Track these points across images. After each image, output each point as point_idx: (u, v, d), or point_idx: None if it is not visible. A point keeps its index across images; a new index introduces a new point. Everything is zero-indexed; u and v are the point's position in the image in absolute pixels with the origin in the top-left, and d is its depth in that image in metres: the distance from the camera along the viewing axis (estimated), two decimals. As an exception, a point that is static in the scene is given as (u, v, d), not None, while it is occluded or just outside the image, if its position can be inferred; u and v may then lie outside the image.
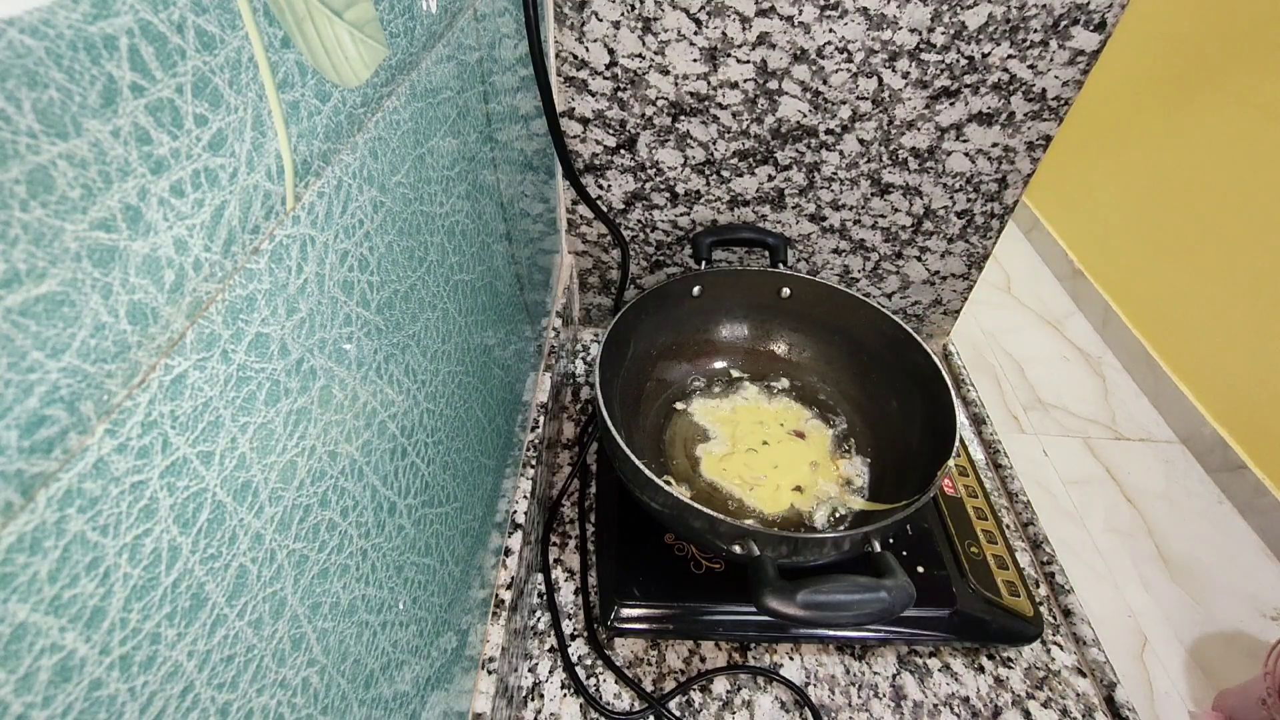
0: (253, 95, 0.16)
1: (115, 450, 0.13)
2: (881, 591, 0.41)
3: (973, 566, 0.56)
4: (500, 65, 0.40)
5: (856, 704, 0.51)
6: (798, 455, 0.61)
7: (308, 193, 0.20)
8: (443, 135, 0.31)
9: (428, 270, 0.30)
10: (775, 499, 0.57)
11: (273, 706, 0.19)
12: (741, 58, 0.57)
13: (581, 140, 0.64)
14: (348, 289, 0.22)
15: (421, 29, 0.27)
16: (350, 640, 0.24)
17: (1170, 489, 1.63)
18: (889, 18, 0.54)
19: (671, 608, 0.52)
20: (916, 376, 0.57)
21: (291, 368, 0.19)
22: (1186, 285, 1.75)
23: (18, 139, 0.10)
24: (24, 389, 0.11)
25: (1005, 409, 1.81)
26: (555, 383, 0.62)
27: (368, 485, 0.25)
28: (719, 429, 0.63)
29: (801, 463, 0.60)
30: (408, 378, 0.28)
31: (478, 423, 0.40)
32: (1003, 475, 0.67)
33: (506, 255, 0.45)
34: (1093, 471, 1.66)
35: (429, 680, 0.33)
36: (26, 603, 0.11)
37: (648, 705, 0.49)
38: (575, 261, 0.76)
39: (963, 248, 0.71)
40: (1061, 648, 0.55)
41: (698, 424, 0.63)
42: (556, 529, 0.60)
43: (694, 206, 0.69)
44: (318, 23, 0.19)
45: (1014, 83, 0.58)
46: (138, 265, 0.13)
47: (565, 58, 0.58)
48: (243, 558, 0.18)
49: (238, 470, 0.17)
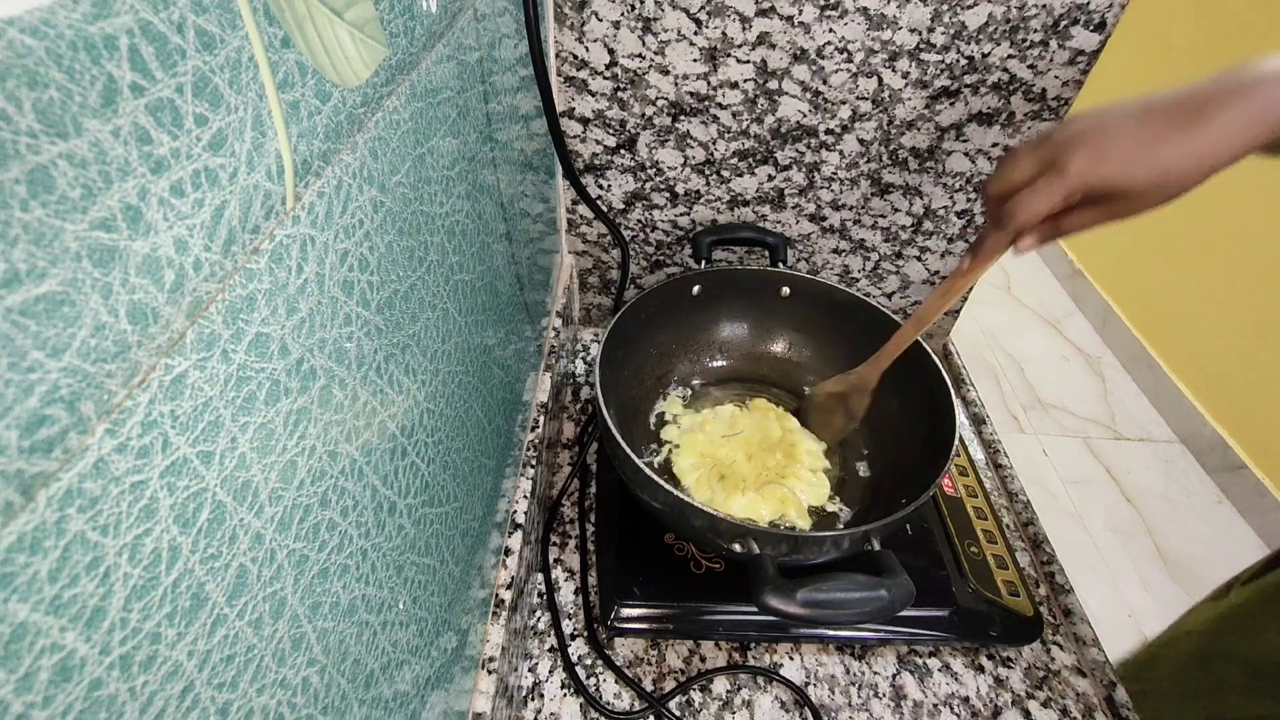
0: (253, 95, 0.16)
1: (115, 450, 0.13)
2: (881, 590, 0.41)
3: (973, 566, 0.56)
4: (500, 65, 0.40)
5: (856, 704, 0.51)
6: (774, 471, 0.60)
7: (308, 193, 0.20)
8: (443, 135, 0.31)
9: (428, 270, 0.30)
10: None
11: (273, 706, 0.19)
12: (741, 58, 0.57)
13: (581, 140, 0.64)
14: (348, 289, 0.22)
15: (421, 29, 0.27)
16: (350, 640, 0.24)
17: (1170, 489, 1.63)
18: (889, 18, 0.54)
19: (671, 607, 0.52)
20: (916, 376, 0.57)
21: (291, 367, 0.19)
22: (1186, 285, 1.75)
23: (18, 139, 0.10)
24: (24, 389, 0.11)
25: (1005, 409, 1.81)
26: (555, 383, 0.62)
27: (368, 485, 0.25)
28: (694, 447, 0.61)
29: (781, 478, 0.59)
30: (408, 377, 0.28)
31: (478, 422, 0.40)
32: (1003, 475, 0.67)
33: (506, 255, 0.45)
34: (1092, 471, 1.66)
35: (429, 680, 0.33)
36: (26, 603, 0.11)
37: (648, 705, 0.49)
38: (575, 261, 0.76)
39: (963, 248, 0.71)
40: (1061, 648, 0.55)
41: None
42: (556, 529, 0.60)
43: (694, 206, 0.69)
44: (318, 23, 0.19)
45: (1014, 83, 0.58)
46: (138, 265, 0.13)
47: (565, 58, 0.58)
48: (243, 557, 0.18)
49: (238, 470, 0.17)
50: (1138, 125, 0.36)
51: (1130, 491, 1.62)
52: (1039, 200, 0.38)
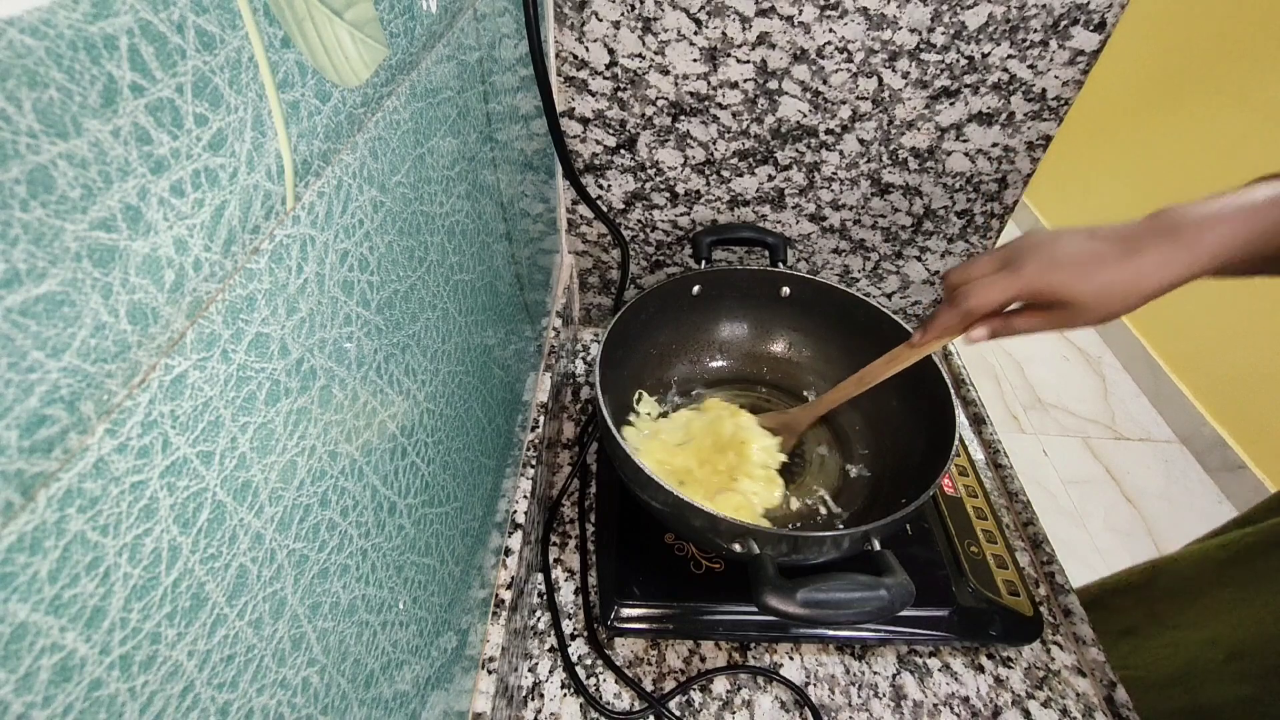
0: (253, 95, 0.16)
1: (115, 450, 0.13)
2: (881, 589, 0.41)
3: (973, 566, 0.56)
4: (500, 65, 0.40)
5: (856, 704, 0.51)
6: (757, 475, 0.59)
7: (308, 193, 0.20)
8: (443, 135, 0.31)
9: (428, 270, 0.30)
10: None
11: (273, 706, 0.19)
12: (741, 58, 0.57)
13: (581, 140, 0.64)
14: (348, 289, 0.23)
15: (421, 29, 0.27)
16: (350, 640, 0.24)
17: (1170, 489, 1.63)
18: (889, 18, 0.54)
19: (671, 607, 0.52)
20: (916, 376, 0.57)
21: (291, 367, 0.19)
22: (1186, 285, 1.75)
23: (18, 139, 0.10)
24: (24, 389, 0.11)
25: (1005, 409, 1.81)
26: (555, 383, 0.62)
27: (368, 485, 0.25)
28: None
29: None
30: (408, 377, 0.28)
31: (478, 422, 0.40)
32: (1003, 475, 0.67)
33: (506, 255, 0.45)
34: (1092, 471, 1.66)
35: (429, 680, 0.33)
36: (26, 603, 0.11)
37: (648, 705, 0.49)
38: (575, 261, 0.76)
39: (963, 248, 0.71)
40: (1061, 648, 0.55)
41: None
42: (556, 529, 0.60)
43: (694, 206, 0.69)
44: (318, 23, 0.19)
45: (1014, 83, 0.58)
46: (138, 265, 0.13)
47: (565, 58, 0.58)
48: (243, 557, 0.18)
49: (238, 470, 0.17)
50: (1085, 245, 0.40)
51: (1130, 491, 1.62)
52: (992, 290, 0.42)
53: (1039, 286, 0.41)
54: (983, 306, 0.43)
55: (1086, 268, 0.40)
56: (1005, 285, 0.42)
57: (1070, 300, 0.40)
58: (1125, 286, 0.39)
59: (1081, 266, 0.40)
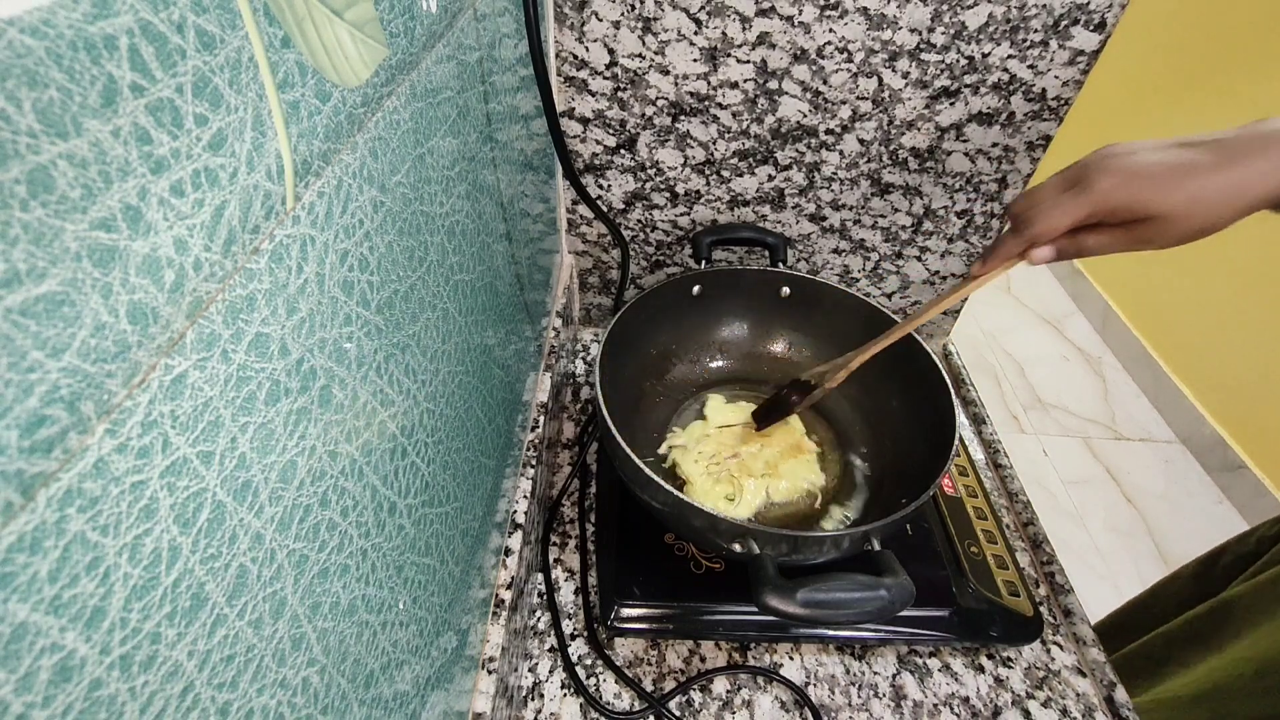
0: (253, 95, 0.16)
1: (115, 450, 0.13)
2: (881, 589, 0.41)
3: (973, 566, 0.56)
4: (500, 65, 0.40)
5: (856, 704, 0.51)
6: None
7: (308, 193, 0.20)
8: (443, 135, 0.31)
9: (428, 270, 0.30)
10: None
11: (273, 706, 0.19)
12: (741, 58, 0.57)
13: (581, 140, 0.64)
14: (348, 289, 0.22)
15: (421, 29, 0.27)
16: (350, 640, 0.24)
17: (1170, 489, 1.63)
18: (889, 18, 0.54)
19: (671, 607, 0.52)
20: (916, 376, 0.57)
21: (291, 367, 0.19)
22: (1186, 285, 1.75)
23: (18, 139, 0.10)
24: (24, 389, 0.11)
25: (1005, 409, 1.81)
26: (555, 383, 0.62)
27: (368, 485, 0.25)
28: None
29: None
30: (408, 378, 0.28)
31: (478, 422, 0.40)
32: (1003, 475, 0.67)
33: (506, 255, 0.45)
34: (1092, 471, 1.66)
35: (429, 680, 0.33)
36: (26, 603, 0.11)
37: (648, 705, 0.49)
38: (575, 261, 0.76)
39: (963, 248, 0.71)
40: (1061, 648, 0.55)
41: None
42: (556, 529, 0.60)
43: (694, 206, 0.69)
44: (318, 23, 0.19)
45: (1014, 83, 0.58)
46: (138, 265, 0.13)
47: (565, 58, 0.58)
48: (243, 557, 0.18)
49: (238, 470, 0.17)
50: (1171, 154, 0.37)
51: (1130, 491, 1.62)
52: (1059, 212, 0.39)
53: (1116, 202, 0.37)
54: (1050, 232, 0.39)
55: (1175, 176, 0.36)
56: (1074, 207, 0.38)
57: (1156, 214, 0.37)
58: (1221, 195, 0.36)
59: (1169, 175, 0.36)
